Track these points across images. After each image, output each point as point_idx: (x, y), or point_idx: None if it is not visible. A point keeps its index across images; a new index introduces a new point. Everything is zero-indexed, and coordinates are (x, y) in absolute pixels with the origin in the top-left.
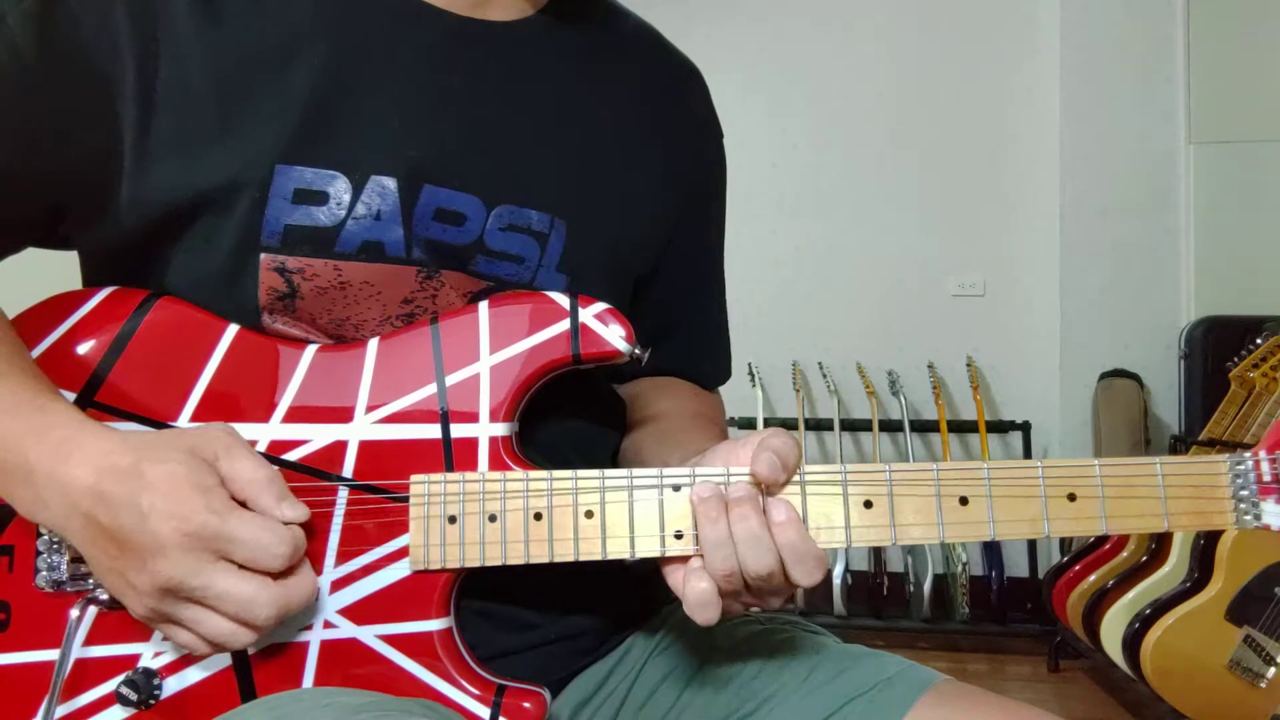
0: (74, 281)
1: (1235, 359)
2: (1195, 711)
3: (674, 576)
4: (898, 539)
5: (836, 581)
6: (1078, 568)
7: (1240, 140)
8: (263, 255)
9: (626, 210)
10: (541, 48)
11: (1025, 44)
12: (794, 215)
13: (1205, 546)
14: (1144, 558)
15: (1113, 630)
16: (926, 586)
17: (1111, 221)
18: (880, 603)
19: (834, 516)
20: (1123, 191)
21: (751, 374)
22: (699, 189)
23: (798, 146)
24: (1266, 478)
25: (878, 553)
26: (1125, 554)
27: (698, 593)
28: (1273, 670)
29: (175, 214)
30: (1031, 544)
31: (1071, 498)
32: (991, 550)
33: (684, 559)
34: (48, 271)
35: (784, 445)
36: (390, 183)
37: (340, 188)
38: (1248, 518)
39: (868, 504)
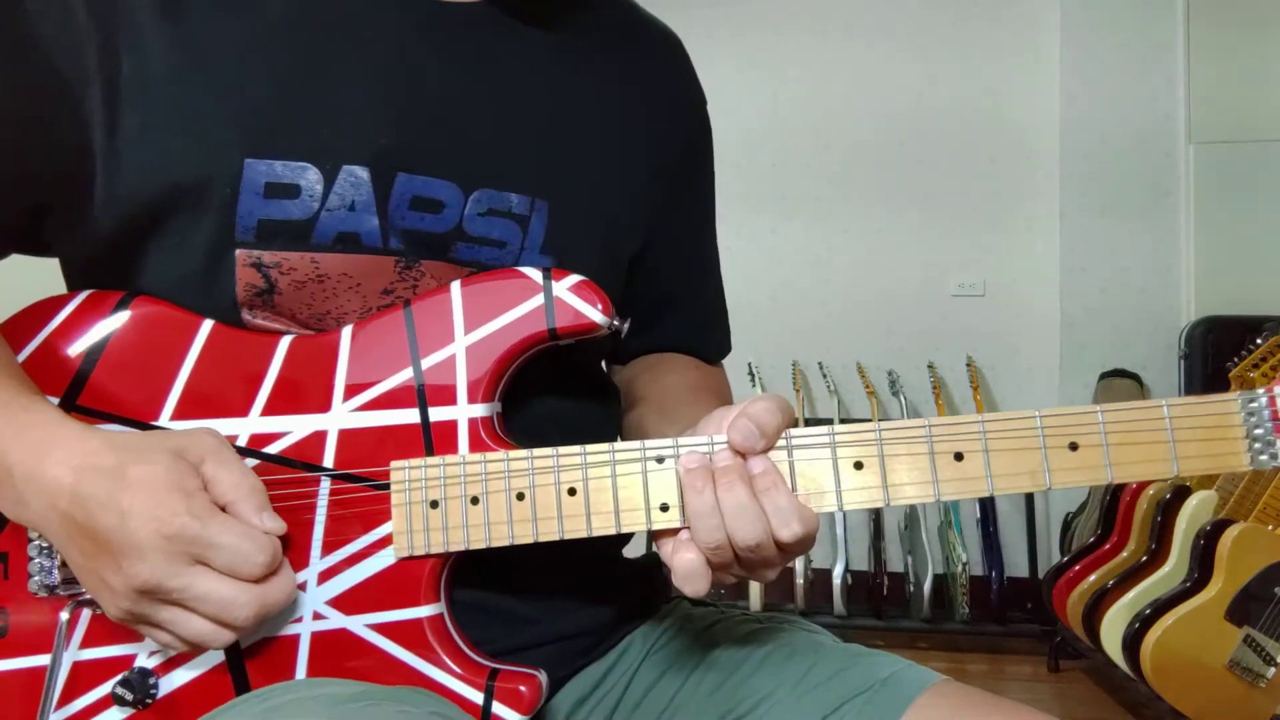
0: (58, 287)
1: (1235, 359)
2: (1195, 711)
3: (665, 548)
4: (891, 500)
5: (836, 581)
6: (1078, 568)
7: (1240, 140)
8: (238, 251)
9: (609, 187)
10: (515, 26)
11: (1025, 44)
12: (794, 215)
13: (1205, 547)
14: (1144, 558)
15: (1113, 630)
16: (926, 586)
17: (1111, 221)
18: (880, 603)
19: (823, 480)
20: (1123, 191)
21: (751, 374)
22: (685, 159)
23: (798, 147)
24: None
25: (878, 552)
26: (1125, 554)
27: (684, 564)
28: (1273, 670)
29: (148, 212)
30: (1031, 544)
31: (1073, 447)
32: (991, 550)
33: (675, 531)
34: (34, 277)
35: (763, 410)
36: (362, 172)
37: (311, 178)
38: (1263, 457)
39: (858, 465)
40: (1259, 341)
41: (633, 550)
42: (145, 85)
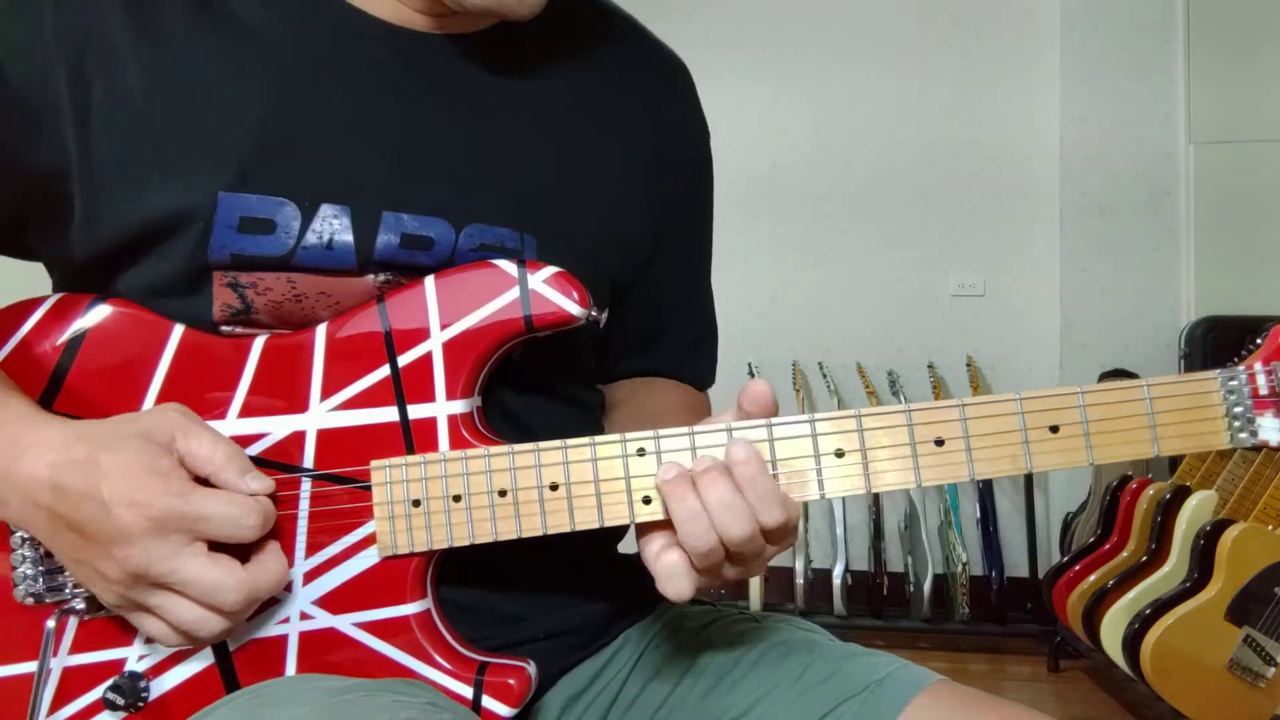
0: (43, 287)
1: (1235, 359)
2: (1195, 711)
3: (649, 551)
4: (872, 486)
5: (836, 581)
6: (1078, 568)
7: (1240, 140)
8: (215, 273)
9: (600, 221)
10: (509, 57)
11: (1025, 43)
12: (794, 215)
13: (1205, 546)
14: (1144, 558)
15: (1113, 630)
16: (926, 586)
17: (1111, 221)
18: (880, 603)
19: (805, 469)
20: (1123, 191)
21: (752, 374)
22: (683, 191)
23: (798, 146)
24: (1263, 391)
25: (877, 552)
26: (1125, 554)
27: (666, 565)
28: (1273, 670)
29: (124, 237)
30: (1032, 544)
31: (1054, 429)
32: (991, 550)
33: (660, 527)
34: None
35: (763, 381)
36: (342, 210)
37: (288, 214)
38: (1243, 435)
39: (839, 453)
40: (1259, 341)
41: (627, 547)
42: (119, 112)
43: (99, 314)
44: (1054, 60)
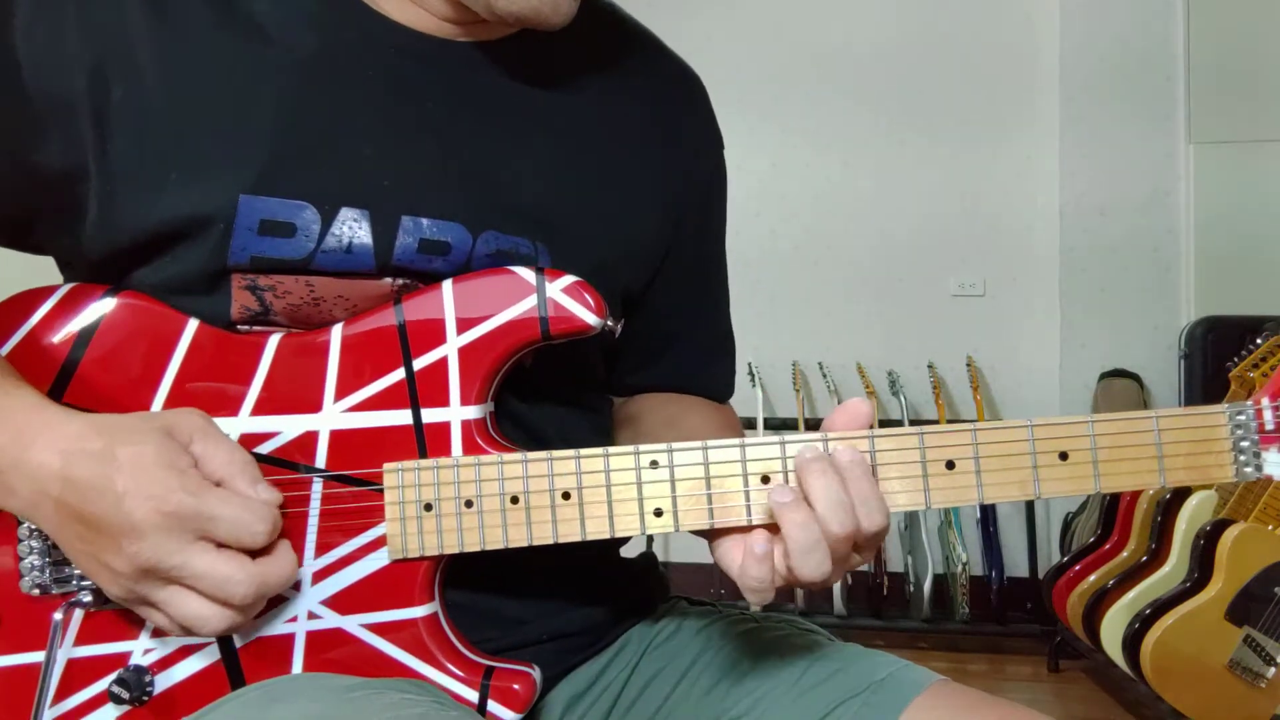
0: (46, 277)
1: (1235, 359)
2: (1195, 711)
3: (729, 554)
4: None
5: (836, 581)
6: (1078, 568)
7: (1240, 140)
8: (234, 275)
9: (613, 231)
10: (529, 66)
11: (1025, 43)
12: (794, 215)
13: (1205, 546)
14: (1144, 558)
15: (1113, 630)
16: (926, 586)
17: (1111, 221)
18: (880, 603)
19: None
20: (1123, 191)
21: (751, 374)
22: (697, 203)
23: (798, 147)
24: (1269, 426)
25: (878, 552)
26: (1125, 554)
27: (753, 580)
28: (1273, 670)
29: (140, 240)
30: (1031, 544)
31: (1063, 456)
32: (991, 550)
33: (740, 530)
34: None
35: (866, 404)
36: (362, 214)
37: (308, 218)
38: (1248, 469)
39: None
40: (1259, 341)
41: (630, 550)
42: (138, 114)
43: (112, 306)
44: (1054, 60)
